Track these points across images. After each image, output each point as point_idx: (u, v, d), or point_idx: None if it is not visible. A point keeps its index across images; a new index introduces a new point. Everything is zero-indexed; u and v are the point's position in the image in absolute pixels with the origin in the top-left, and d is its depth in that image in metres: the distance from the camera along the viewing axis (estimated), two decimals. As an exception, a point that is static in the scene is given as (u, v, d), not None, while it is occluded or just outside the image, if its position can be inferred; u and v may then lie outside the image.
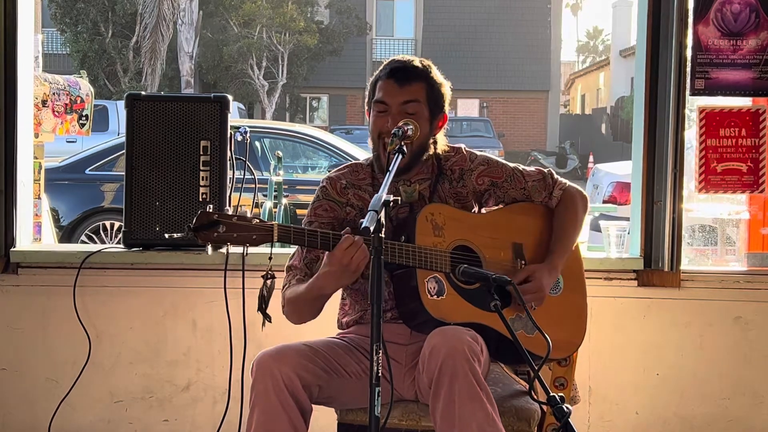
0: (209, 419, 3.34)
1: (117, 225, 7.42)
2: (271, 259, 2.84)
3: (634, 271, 3.34)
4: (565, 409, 2.05)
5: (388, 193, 2.10)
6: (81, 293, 3.28)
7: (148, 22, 21.19)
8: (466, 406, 2.18)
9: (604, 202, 8.87)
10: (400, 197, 2.47)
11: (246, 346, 3.19)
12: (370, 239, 2.25)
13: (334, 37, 26.13)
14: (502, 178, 2.61)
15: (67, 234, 7.45)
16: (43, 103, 4.09)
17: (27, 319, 3.35)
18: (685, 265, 3.36)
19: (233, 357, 3.21)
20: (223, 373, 3.28)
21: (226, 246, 2.24)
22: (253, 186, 3.76)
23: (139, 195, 3.24)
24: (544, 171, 2.66)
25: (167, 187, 3.24)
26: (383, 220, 2.04)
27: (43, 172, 4.19)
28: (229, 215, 2.21)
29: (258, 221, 2.22)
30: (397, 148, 2.32)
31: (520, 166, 2.66)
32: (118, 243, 3.59)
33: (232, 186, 3.29)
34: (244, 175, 3.34)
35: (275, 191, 6.08)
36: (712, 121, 3.34)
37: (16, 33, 3.32)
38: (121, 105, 11.61)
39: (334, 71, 26.73)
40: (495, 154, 2.71)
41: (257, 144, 8.13)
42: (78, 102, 4.28)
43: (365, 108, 2.61)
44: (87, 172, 7.83)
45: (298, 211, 6.93)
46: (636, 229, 3.37)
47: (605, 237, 3.44)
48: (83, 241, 7.40)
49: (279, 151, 6.81)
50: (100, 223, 7.60)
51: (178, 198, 3.24)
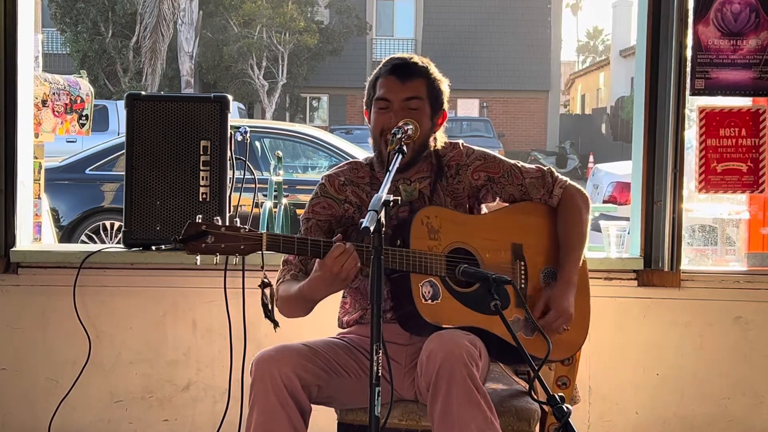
0: (209, 419, 3.34)
1: (117, 225, 7.42)
2: (263, 268, 2.83)
3: (634, 271, 3.34)
4: (565, 408, 2.05)
5: (387, 193, 2.09)
6: (81, 293, 3.28)
7: (148, 22, 21.19)
8: (465, 410, 2.17)
9: (604, 202, 8.87)
10: (400, 197, 2.46)
11: (246, 346, 3.19)
12: (362, 246, 2.25)
13: (334, 37, 26.13)
14: (499, 173, 2.59)
15: (67, 234, 7.45)
16: (43, 103, 4.09)
17: (27, 319, 3.35)
18: (685, 265, 3.36)
19: (233, 357, 3.21)
20: (223, 373, 3.28)
21: (215, 256, 2.22)
22: (253, 186, 3.76)
23: (139, 195, 3.24)
24: (544, 169, 2.64)
25: (167, 187, 3.24)
26: (383, 220, 2.03)
27: (43, 172, 4.19)
28: (218, 225, 2.19)
29: (247, 231, 2.21)
30: (397, 147, 2.31)
31: (520, 163, 2.64)
32: (118, 243, 3.59)
33: (232, 186, 3.28)
34: (244, 175, 3.34)
35: (275, 191, 6.08)
36: (712, 121, 3.33)
37: (16, 33, 3.32)
38: (121, 105, 11.60)
39: (334, 71, 26.73)
40: (492, 152, 2.69)
41: (257, 144, 8.13)
42: (78, 102, 4.28)
43: (364, 107, 2.60)
44: (87, 172, 7.83)
45: (298, 211, 6.93)
46: (636, 229, 3.36)
47: (605, 237, 3.44)
48: (83, 241, 7.40)
49: (279, 151, 6.81)
50: (100, 223, 7.61)
51: (178, 198, 3.24)
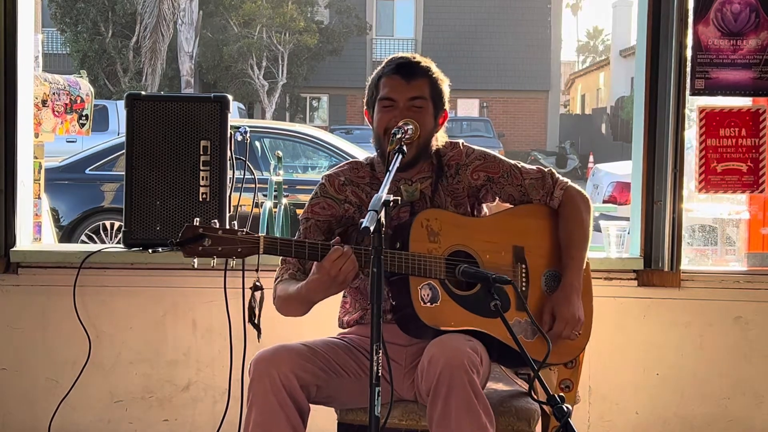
0: (209, 419, 3.34)
1: (117, 225, 7.42)
2: (258, 271, 2.83)
3: (634, 271, 3.34)
4: (565, 408, 2.05)
5: (388, 193, 2.09)
6: (81, 293, 3.28)
7: (148, 22, 21.19)
8: (463, 418, 2.17)
9: (604, 202, 8.88)
10: (400, 197, 2.46)
11: (246, 346, 3.19)
12: (360, 249, 2.25)
13: (334, 37, 26.12)
14: (498, 173, 2.59)
15: (67, 234, 7.45)
16: (43, 103, 4.09)
17: (27, 319, 3.35)
18: (685, 265, 3.36)
19: (233, 357, 3.21)
20: (223, 373, 3.28)
21: (212, 259, 2.22)
22: (253, 186, 3.76)
23: (139, 195, 3.24)
24: (544, 170, 2.63)
25: (167, 186, 3.24)
26: (383, 220, 2.03)
27: (43, 172, 4.19)
28: (215, 228, 2.19)
29: (244, 234, 2.21)
30: (397, 147, 2.32)
31: (520, 164, 2.64)
32: (118, 243, 3.59)
33: (232, 186, 3.29)
34: (244, 174, 3.34)
35: (275, 191, 6.07)
36: (712, 121, 3.33)
37: (16, 33, 3.32)
38: (121, 105, 11.59)
39: (334, 71, 26.73)
40: (492, 152, 2.69)
41: (257, 144, 8.12)
42: (78, 102, 4.28)
43: (364, 107, 2.60)
44: (87, 172, 7.83)
45: (298, 211, 6.88)
46: (636, 229, 3.36)
47: (605, 237, 3.44)
48: (83, 241, 7.40)
49: (279, 151, 6.80)
50: (100, 223, 7.61)
51: (178, 198, 3.24)
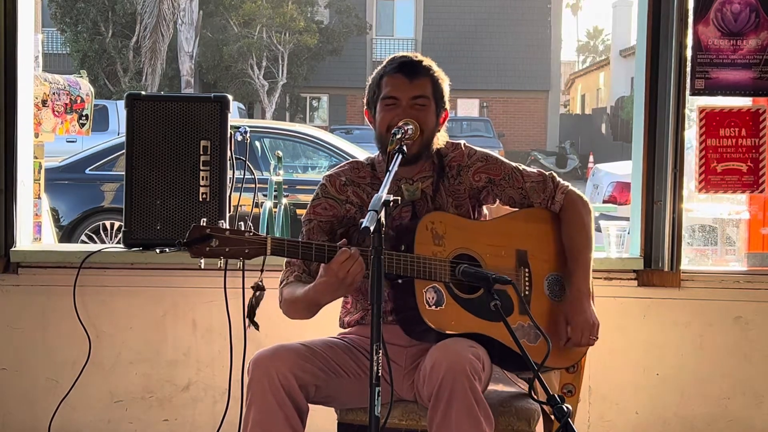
0: (209, 419, 3.34)
1: (117, 225, 7.42)
2: (262, 272, 2.83)
3: (634, 271, 3.34)
4: (565, 408, 2.05)
5: (388, 193, 2.10)
6: (81, 293, 3.28)
7: (148, 22, 21.19)
8: (464, 424, 2.17)
9: (604, 202, 8.88)
10: (400, 197, 2.46)
11: (246, 346, 3.19)
12: (367, 251, 2.25)
13: (334, 37, 26.12)
14: (500, 175, 2.59)
15: (67, 234, 7.45)
16: (43, 102, 4.09)
17: (27, 319, 3.35)
18: (685, 265, 3.36)
19: (233, 357, 3.21)
20: (223, 373, 3.28)
21: (219, 260, 2.21)
22: (253, 186, 3.76)
23: (139, 195, 3.24)
24: (545, 174, 2.64)
25: (167, 186, 3.24)
26: (383, 220, 2.03)
27: (43, 171, 4.19)
28: (222, 229, 2.19)
29: (251, 234, 2.20)
30: (398, 147, 2.32)
31: (521, 166, 2.64)
32: (118, 243, 3.59)
33: (232, 186, 3.29)
34: (244, 174, 3.34)
35: (275, 191, 6.07)
36: (712, 121, 3.34)
37: (16, 33, 3.32)
38: (121, 105, 11.59)
39: (334, 71, 26.72)
40: (494, 153, 2.69)
41: (257, 144, 8.12)
42: (78, 102, 4.28)
43: (365, 107, 2.60)
44: (87, 171, 7.83)
45: (298, 211, 6.93)
46: (636, 229, 3.36)
47: (605, 237, 3.44)
48: (83, 241, 7.40)
49: (279, 151, 6.80)
50: (100, 223, 7.61)
51: (178, 198, 3.24)
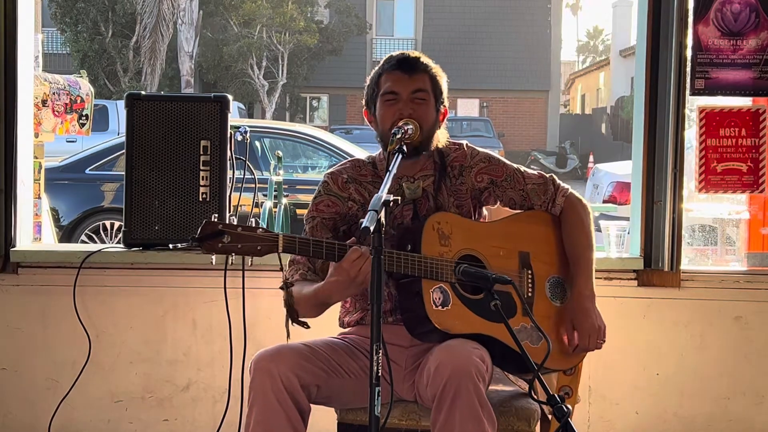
0: (209, 419, 3.34)
1: (117, 225, 7.42)
2: (282, 270, 2.79)
3: (634, 271, 3.34)
4: (564, 408, 2.05)
5: (389, 192, 2.10)
6: (81, 293, 3.28)
7: (147, 22, 21.19)
8: (467, 427, 2.17)
9: (604, 202, 8.89)
10: (399, 197, 2.47)
11: (246, 346, 3.19)
12: (371, 240, 2.25)
13: (334, 37, 26.12)
14: (501, 177, 2.60)
15: (67, 234, 7.45)
16: (43, 102, 4.09)
17: (27, 319, 3.35)
18: (685, 265, 3.36)
19: (233, 357, 3.21)
20: (223, 373, 3.28)
21: (231, 256, 2.20)
22: (253, 186, 3.76)
23: (139, 195, 3.23)
24: (546, 176, 2.64)
25: (167, 186, 3.24)
26: (383, 220, 2.03)
27: (43, 171, 4.19)
28: (234, 225, 2.18)
29: (263, 231, 2.19)
30: (397, 147, 2.32)
31: (522, 168, 2.65)
32: (118, 243, 3.59)
33: (232, 186, 3.28)
34: (244, 174, 3.34)
35: (275, 191, 6.08)
36: (712, 121, 3.34)
37: (16, 33, 3.32)
38: (121, 105, 11.61)
39: (334, 71, 26.72)
40: (495, 154, 2.70)
41: (257, 144, 8.13)
42: (78, 102, 4.28)
43: (364, 107, 2.60)
44: (87, 171, 7.84)
45: (298, 211, 6.94)
46: (636, 229, 3.37)
47: (605, 237, 3.44)
48: (83, 241, 7.40)
49: (279, 151, 6.81)
50: (100, 222, 7.61)
51: (178, 198, 3.24)
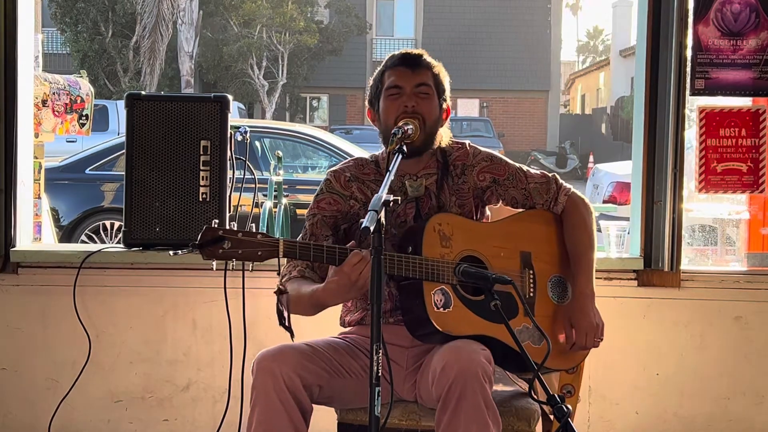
0: (209, 419, 3.34)
1: (117, 225, 7.42)
2: (279, 274, 2.80)
3: (634, 271, 3.34)
4: (564, 408, 2.05)
5: (391, 189, 2.10)
6: (81, 293, 3.28)
7: (147, 22, 21.20)
8: (471, 428, 2.17)
9: (604, 202, 8.90)
10: (400, 197, 2.48)
11: (246, 346, 3.19)
12: (371, 240, 2.25)
13: (334, 37, 26.12)
14: (503, 175, 2.60)
15: (67, 234, 7.45)
16: (43, 102, 4.09)
17: (27, 319, 3.35)
18: (685, 265, 3.36)
19: (233, 357, 3.21)
20: (223, 373, 3.28)
21: (231, 262, 2.20)
22: (253, 186, 3.76)
23: (139, 195, 3.23)
24: (549, 175, 2.64)
25: (167, 187, 3.24)
26: (383, 220, 2.03)
27: (43, 171, 4.19)
28: (234, 231, 2.18)
29: (263, 236, 2.19)
30: (397, 147, 2.32)
31: (525, 167, 2.65)
32: (118, 243, 3.59)
33: (232, 186, 3.28)
34: (244, 174, 3.34)
35: (275, 191, 6.07)
36: (712, 121, 3.34)
37: (16, 33, 3.32)
38: (121, 105, 11.62)
39: (334, 71, 26.73)
40: (498, 154, 2.71)
41: (257, 144, 8.13)
42: (78, 102, 4.28)
43: (367, 106, 2.61)
44: (87, 171, 7.84)
45: (299, 211, 6.93)
46: (636, 229, 3.37)
47: (605, 237, 3.45)
48: (83, 241, 7.40)
49: (279, 151, 6.80)
50: (100, 222, 7.61)
51: (178, 198, 3.23)
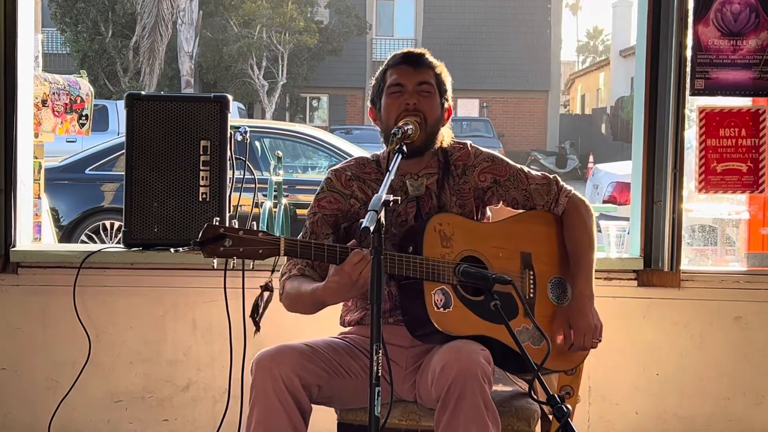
0: (209, 419, 3.35)
1: (117, 225, 7.42)
2: (273, 272, 2.80)
3: (634, 271, 3.34)
4: (564, 408, 2.05)
5: (392, 188, 2.10)
6: (81, 293, 3.28)
7: (146, 22, 21.20)
8: (471, 429, 2.17)
9: (604, 202, 8.90)
10: (406, 192, 2.50)
11: (246, 346, 3.19)
12: (371, 240, 2.25)
13: (334, 37, 26.13)
14: (505, 176, 2.60)
15: (67, 234, 7.45)
16: (43, 102, 4.09)
17: (27, 319, 3.35)
18: (685, 265, 3.36)
19: (233, 357, 3.21)
20: (223, 373, 3.28)
21: (232, 260, 2.20)
22: (253, 186, 3.76)
23: (138, 195, 3.23)
24: (550, 177, 2.64)
25: (167, 187, 3.24)
26: (383, 220, 2.03)
27: (43, 171, 4.19)
28: (236, 228, 2.18)
29: (264, 234, 2.19)
30: (397, 147, 2.32)
31: (526, 168, 2.65)
32: (118, 243, 3.59)
33: (232, 186, 3.29)
34: (244, 175, 3.34)
35: (275, 191, 6.07)
36: (712, 121, 3.34)
37: (16, 33, 3.32)
38: (121, 105, 11.61)
39: (334, 71, 26.73)
40: (499, 154, 2.71)
41: (257, 144, 8.13)
42: (78, 102, 4.28)
43: (369, 106, 2.61)
44: (87, 171, 7.84)
45: (298, 211, 6.93)
46: (636, 229, 3.37)
47: (605, 237, 3.45)
48: (83, 241, 7.40)
49: (279, 151, 6.81)
50: (100, 222, 7.61)
51: (178, 198, 3.23)
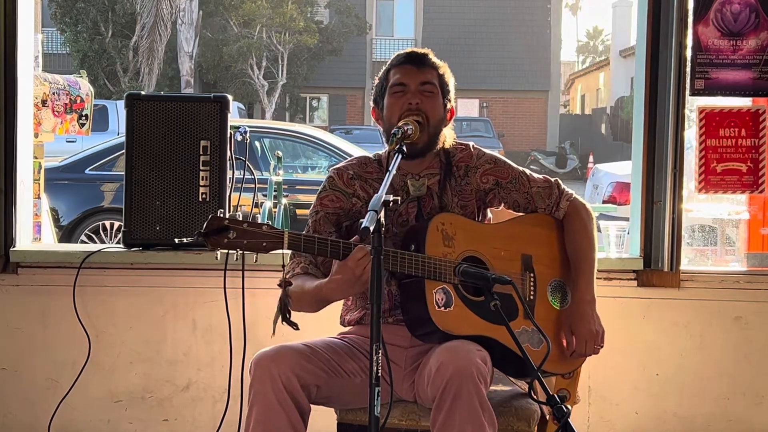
0: (209, 419, 3.35)
1: (117, 225, 7.42)
2: (284, 267, 2.78)
3: (634, 271, 3.34)
4: (564, 408, 2.06)
5: (393, 188, 2.10)
6: (81, 293, 3.28)
7: (146, 22, 21.20)
8: (466, 428, 2.17)
9: (604, 202, 8.90)
10: (407, 191, 2.50)
11: (246, 346, 3.19)
12: (371, 240, 2.25)
13: (334, 37, 26.13)
14: (507, 178, 2.60)
15: (66, 234, 7.45)
16: (43, 102, 4.09)
17: (27, 319, 3.35)
18: (684, 265, 3.36)
19: (233, 357, 3.21)
20: (223, 373, 3.28)
21: (235, 252, 2.20)
22: (253, 186, 3.77)
23: (138, 195, 3.24)
24: (551, 180, 2.64)
25: (167, 186, 3.24)
26: (383, 220, 2.03)
27: (43, 171, 4.19)
28: (240, 221, 2.18)
29: (268, 228, 2.19)
30: (397, 147, 2.32)
31: (528, 171, 2.65)
32: (118, 243, 3.59)
33: (231, 186, 3.29)
34: (244, 175, 3.34)
35: (275, 191, 6.08)
36: (711, 121, 3.34)
37: (16, 33, 3.32)
38: (121, 105, 11.60)
39: (334, 71, 26.73)
40: (501, 156, 2.71)
41: (257, 144, 8.13)
42: (78, 102, 4.28)
43: (372, 105, 2.61)
44: (87, 171, 7.84)
45: (298, 211, 6.93)
46: (636, 229, 3.37)
47: (605, 237, 3.45)
48: (83, 241, 7.40)
49: (279, 151, 6.81)
50: (100, 222, 7.61)
51: (178, 198, 3.24)
